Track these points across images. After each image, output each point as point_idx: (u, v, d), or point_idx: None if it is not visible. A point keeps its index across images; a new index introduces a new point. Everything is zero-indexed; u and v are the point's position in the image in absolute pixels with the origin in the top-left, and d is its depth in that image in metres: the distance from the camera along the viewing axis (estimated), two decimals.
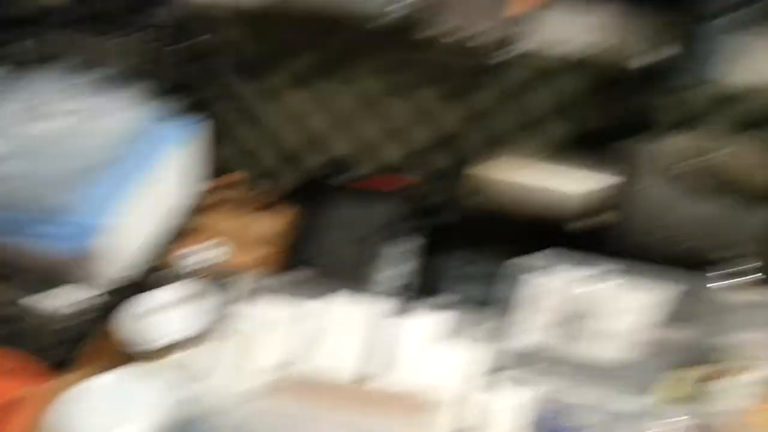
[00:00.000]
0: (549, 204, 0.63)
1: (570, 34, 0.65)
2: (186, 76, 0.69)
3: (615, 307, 0.56)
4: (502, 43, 0.62)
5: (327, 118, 0.72)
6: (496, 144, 0.69)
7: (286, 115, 0.72)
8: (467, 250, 0.67)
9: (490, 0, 0.61)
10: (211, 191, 0.73)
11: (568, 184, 0.63)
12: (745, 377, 0.51)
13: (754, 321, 0.54)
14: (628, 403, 0.51)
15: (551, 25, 0.65)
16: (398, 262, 0.65)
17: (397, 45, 0.64)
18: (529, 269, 0.58)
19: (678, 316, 0.55)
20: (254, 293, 0.58)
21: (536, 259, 0.58)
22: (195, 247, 0.61)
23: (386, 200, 0.69)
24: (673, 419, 0.50)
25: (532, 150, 0.68)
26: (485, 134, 0.70)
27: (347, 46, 0.67)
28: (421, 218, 0.69)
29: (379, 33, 0.63)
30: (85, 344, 0.57)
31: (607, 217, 0.62)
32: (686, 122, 0.63)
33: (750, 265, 0.57)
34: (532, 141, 0.69)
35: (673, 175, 0.59)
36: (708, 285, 0.56)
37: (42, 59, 0.66)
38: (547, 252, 0.59)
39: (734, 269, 0.57)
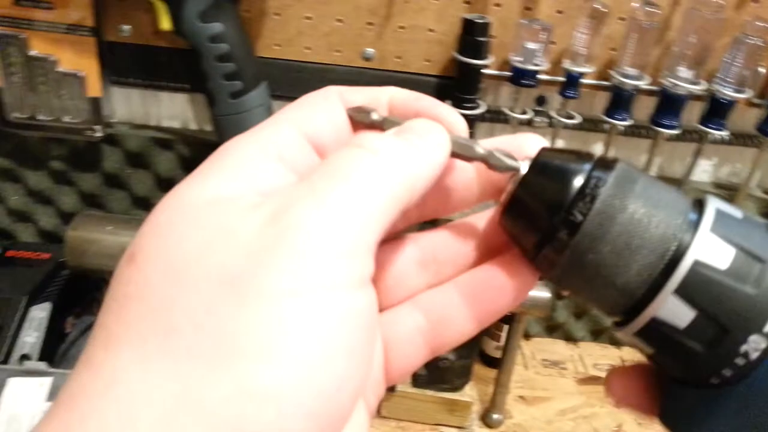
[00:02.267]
0: None
1: (157, 115, 0.72)
2: None
3: None
4: (89, 124, 0.66)
5: None
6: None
7: None
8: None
9: (72, 83, 0.65)
10: None
11: None
12: None
13: None
14: None
15: (136, 105, 0.71)
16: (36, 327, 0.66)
17: None
18: None
19: None
20: None
21: None
22: None
23: (30, 269, 0.70)
24: None
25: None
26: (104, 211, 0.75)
27: None
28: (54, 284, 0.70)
29: None
30: None
31: None
32: None
33: None
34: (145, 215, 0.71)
35: None
36: None
37: None
38: None
39: None
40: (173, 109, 0.73)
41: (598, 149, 0.73)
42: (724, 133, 0.66)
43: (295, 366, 0.16)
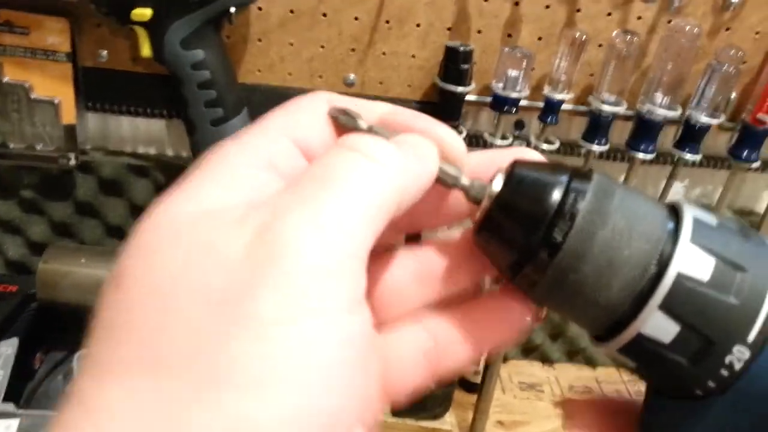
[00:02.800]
0: None
1: (133, 141, 0.70)
2: None
3: None
4: (62, 151, 0.65)
5: None
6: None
7: None
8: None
9: (46, 109, 0.64)
10: None
11: None
12: None
13: None
14: None
15: (112, 131, 0.69)
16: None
17: None
18: None
19: None
20: None
21: None
22: None
23: None
24: None
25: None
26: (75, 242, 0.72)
27: None
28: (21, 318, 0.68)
29: None
30: None
31: None
32: None
33: None
34: (118, 244, 0.72)
35: None
36: None
37: None
38: None
39: None
40: (150, 135, 0.71)
41: None
42: (697, 157, 0.67)
43: (289, 399, 0.16)
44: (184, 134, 0.70)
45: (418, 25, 0.65)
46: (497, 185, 0.21)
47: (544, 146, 0.67)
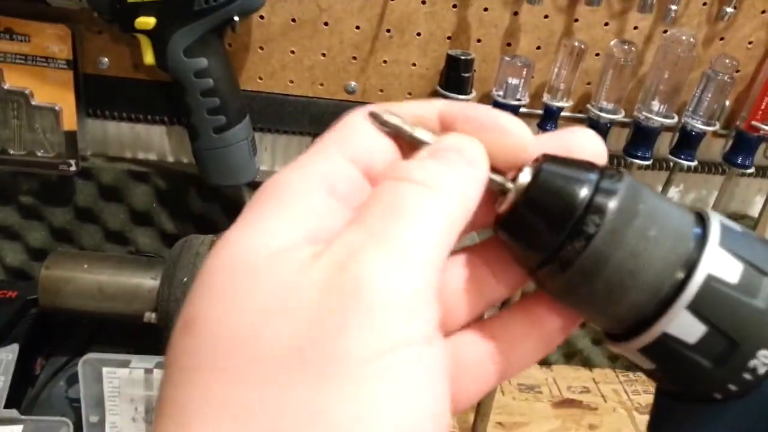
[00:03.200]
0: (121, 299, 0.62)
1: (132, 147, 0.71)
2: None
3: None
4: (63, 157, 0.65)
5: None
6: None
7: None
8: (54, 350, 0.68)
9: (47, 116, 0.64)
10: None
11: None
12: None
13: None
14: None
15: (112, 138, 0.70)
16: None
17: None
18: (109, 363, 0.57)
19: None
20: None
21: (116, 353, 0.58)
22: None
23: None
24: None
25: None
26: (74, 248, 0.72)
27: None
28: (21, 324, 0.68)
29: None
30: None
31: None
32: None
33: None
34: (120, 251, 0.73)
35: None
36: None
37: None
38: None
39: None
40: (150, 141, 0.71)
41: None
42: (693, 163, 0.69)
43: None
44: (184, 140, 0.70)
45: (418, 34, 0.65)
46: (524, 178, 0.21)
47: None
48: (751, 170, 0.69)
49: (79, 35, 0.62)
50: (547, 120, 0.67)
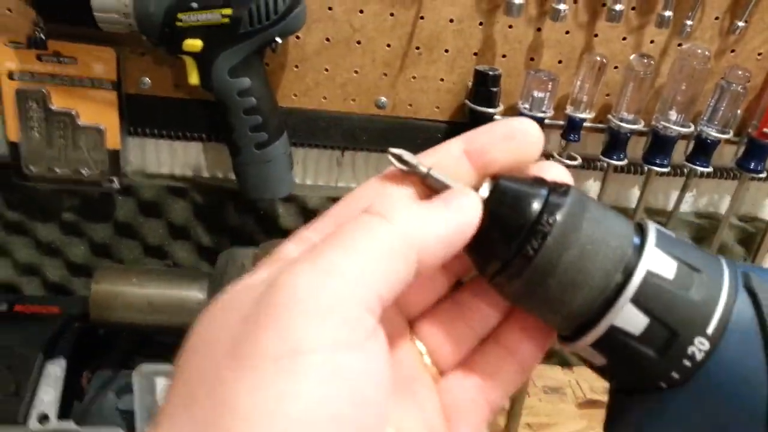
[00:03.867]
0: (169, 312, 0.65)
1: (170, 164, 0.73)
2: None
3: None
4: (106, 175, 0.67)
5: None
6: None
7: None
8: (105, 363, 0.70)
9: (91, 136, 0.66)
10: None
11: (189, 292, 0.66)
12: None
13: None
14: None
15: (150, 155, 0.72)
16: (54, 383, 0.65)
17: (4, 183, 0.68)
18: (162, 373, 0.60)
19: None
20: None
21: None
22: None
23: (40, 324, 0.70)
24: None
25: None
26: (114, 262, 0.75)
27: None
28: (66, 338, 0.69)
29: None
30: None
31: None
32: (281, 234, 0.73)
33: None
34: (158, 265, 0.75)
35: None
36: None
37: None
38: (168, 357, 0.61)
39: None
40: (187, 158, 0.73)
41: (594, 186, 0.78)
42: (709, 169, 0.72)
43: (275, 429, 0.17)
44: (220, 156, 0.72)
45: (446, 51, 0.68)
46: (483, 193, 0.24)
47: (567, 162, 0.71)
48: (763, 174, 0.73)
49: (122, 56, 0.64)
50: (571, 131, 0.70)
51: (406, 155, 0.24)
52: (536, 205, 0.23)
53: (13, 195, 0.69)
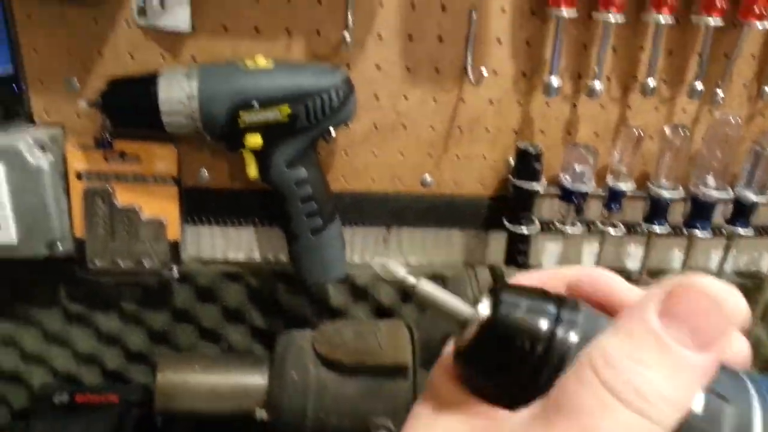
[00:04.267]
0: (232, 398, 0.65)
1: (224, 249, 0.75)
2: None
3: None
4: (166, 265, 0.70)
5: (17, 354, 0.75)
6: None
7: None
8: None
9: (153, 228, 0.69)
10: None
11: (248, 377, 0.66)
12: None
13: None
14: None
15: (206, 242, 0.74)
16: None
17: (67, 278, 0.70)
18: None
19: None
20: None
21: None
22: None
23: (100, 413, 0.72)
24: None
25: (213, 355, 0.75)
26: (171, 348, 0.76)
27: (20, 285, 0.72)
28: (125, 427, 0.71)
29: (49, 269, 0.69)
30: None
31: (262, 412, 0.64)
32: (331, 313, 0.75)
33: None
34: (213, 348, 0.77)
35: (321, 362, 0.64)
36: None
37: None
38: None
39: None
40: (239, 243, 0.76)
41: (637, 251, 0.80)
42: (750, 231, 0.73)
43: None
44: (271, 240, 0.75)
45: (487, 130, 0.71)
46: (484, 311, 0.21)
47: (610, 230, 0.73)
48: None
49: (182, 152, 0.67)
50: (612, 200, 0.72)
51: (392, 264, 0.22)
52: (547, 325, 0.20)
53: (76, 288, 0.72)
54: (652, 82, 0.68)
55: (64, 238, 0.65)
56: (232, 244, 0.76)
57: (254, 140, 0.61)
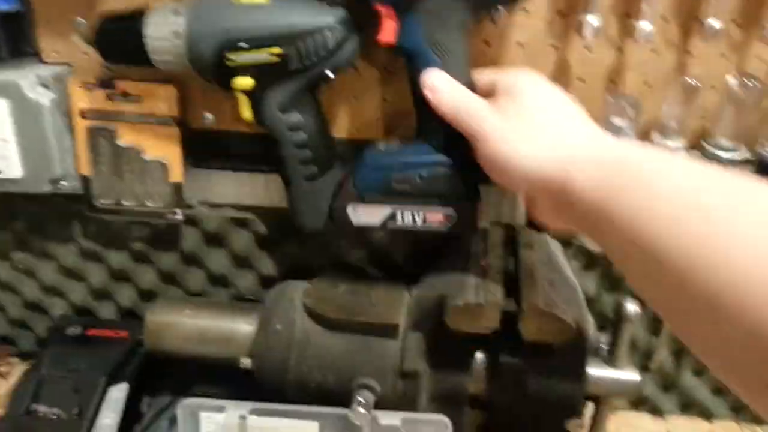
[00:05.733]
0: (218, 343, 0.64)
1: (233, 194, 0.72)
2: None
3: None
4: (172, 208, 0.68)
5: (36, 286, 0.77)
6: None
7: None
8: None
9: (155, 170, 0.67)
10: None
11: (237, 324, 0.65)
12: None
13: None
14: None
15: (213, 187, 0.71)
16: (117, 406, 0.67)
17: (79, 215, 0.71)
18: (205, 408, 0.59)
19: None
20: None
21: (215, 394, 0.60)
22: None
23: (109, 348, 0.73)
24: None
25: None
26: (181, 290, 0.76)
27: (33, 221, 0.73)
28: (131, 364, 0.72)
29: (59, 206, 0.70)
30: None
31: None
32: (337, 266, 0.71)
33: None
34: (219, 295, 0.76)
35: (308, 315, 0.61)
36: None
37: None
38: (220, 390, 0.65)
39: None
40: (249, 189, 0.73)
41: None
42: None
43: None
44: (281, 185, 0.72)
45: None
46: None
47: None
48: None
49: (184, 94, 0.65)
50: None
51: None
52: None
53: (88, 224, 0.73)
54: (717, 24, 0.57)
55: (68, 175, 0.66)
56: (241, 190, 0.73)
57: (244, 81, 0.57)
